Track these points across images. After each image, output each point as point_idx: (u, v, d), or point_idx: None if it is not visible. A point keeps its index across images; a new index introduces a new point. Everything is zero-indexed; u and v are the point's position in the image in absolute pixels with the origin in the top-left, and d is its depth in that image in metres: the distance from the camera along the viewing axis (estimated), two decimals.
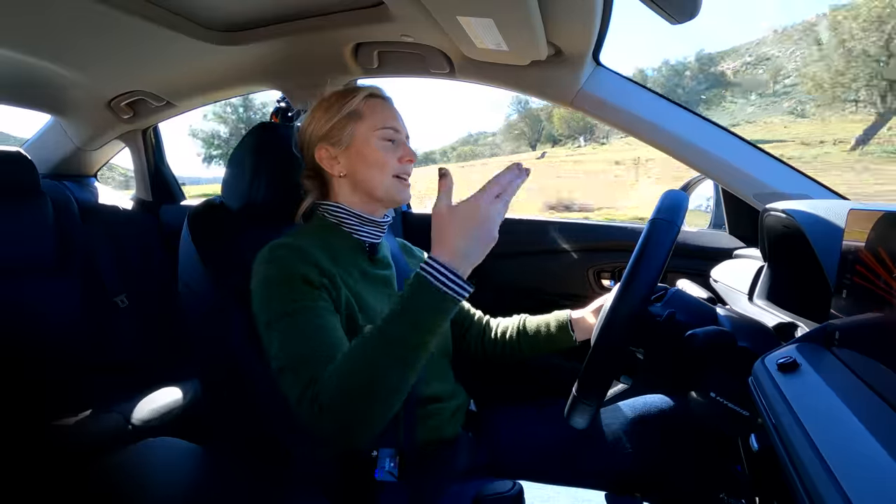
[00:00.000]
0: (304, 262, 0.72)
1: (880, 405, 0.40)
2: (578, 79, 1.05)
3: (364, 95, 0.84)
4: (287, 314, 0.68)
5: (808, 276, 0.67)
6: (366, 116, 0.83)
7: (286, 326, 0.67)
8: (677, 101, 1.06)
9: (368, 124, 0.82)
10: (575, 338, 0.94)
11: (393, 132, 0.83)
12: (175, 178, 1.91)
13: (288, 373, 0.64)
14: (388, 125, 0.83)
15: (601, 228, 1.30)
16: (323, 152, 0.84)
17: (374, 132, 0.82)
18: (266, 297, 0.71)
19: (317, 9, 1.01)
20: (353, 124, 0.83)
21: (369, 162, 0.82)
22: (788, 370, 0.49)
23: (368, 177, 0.82)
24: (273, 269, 0.72)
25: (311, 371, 0.63)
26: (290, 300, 0.68)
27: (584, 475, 0.85)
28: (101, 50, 1.13)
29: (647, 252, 0.62)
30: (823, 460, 0.36)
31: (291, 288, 0.69)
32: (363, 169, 0.82)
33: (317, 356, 0.64)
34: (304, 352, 0.65)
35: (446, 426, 0.83)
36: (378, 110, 0.83)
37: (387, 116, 0.83)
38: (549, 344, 0.97)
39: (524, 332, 0.99)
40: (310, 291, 0.69)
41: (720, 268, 1.04)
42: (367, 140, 0.82)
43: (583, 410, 0.66)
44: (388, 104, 0.86)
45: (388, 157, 0.82)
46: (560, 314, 0.97)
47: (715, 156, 1.01)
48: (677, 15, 0.80)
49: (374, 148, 0.82)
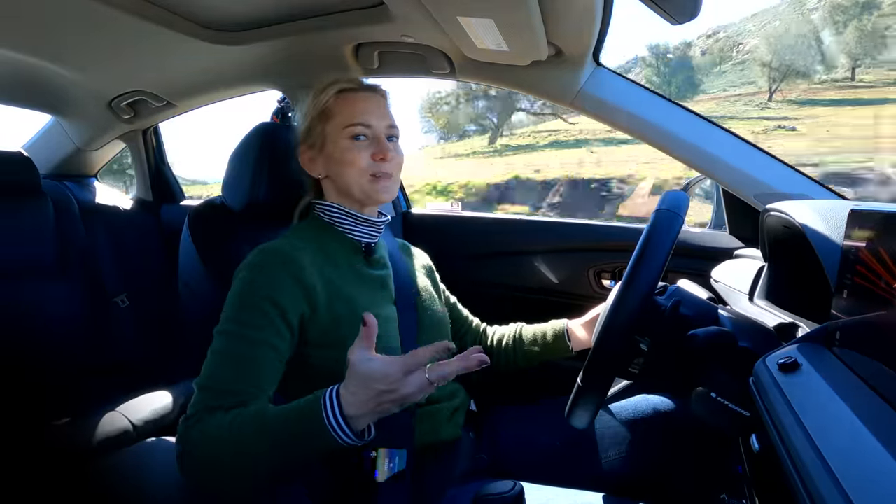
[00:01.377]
0: (282, 275, 0.70)
1: (881, 405, 0.40)
2: (578, 79, 1.05)
3: (334, 92, 0.80)
4: (229, 333, 0.67)
5: (808, 277, 0.67)
6: (334, 114, 0.80)
7: (222, 343, 0.67)
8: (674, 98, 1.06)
9: (336, 122, 0.79)
10: (571, 347, 0.94)
11: (362, 128, 0.78)
12: (175, 178, 1.91)
13: (197, 389, 0.65)
14: (356, 121, 0.78)
15: (601, 228, 1.30)
16: (304, 155, 0.82)
17: (341, 130, 0.78)
18: (229, 302, 0.70)
19: (317, 9, 1.01)
20: (324, 123, 0.80)
21: (341, 162, 0.79)
22: (789, 370, 0.49)
23: (343, 177, 0.79)
24: (246, 277, 0.71)
25: (209, 401, 0.63)
26: (238, 320, 0.68)
27: (585, 475, 0.85)
28: (101, 50, 1.13)
29: (652, 240, 0.61)
30: (824, 460, 0.36)
31: (251, 310, 0.68)
32: (337, 170, 0.80)
33: (224, 389, 0.63)
34: (218, 377, 0.65)
35: (446, 427, 0.83)
36: (347, 106, 0.80)
37: (356, 112, 0.79)
38: (545, 354, 0.97)
39: (520, 341, 0.98)
40: (266, 321, 0.67)
41: (721, 268, 1.04)
42: (336, 139, 0.79)
43: (584, 409, 0.66)
44: (361, 97, 0.81)
45: (359, 156, 0.78)
46: (557, 323, 0.96)
47: (715, 156, 1.01)
48: (677, 15, 0.80)
49: (342, 147, 0.78)
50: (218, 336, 0.68)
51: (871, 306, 0.45)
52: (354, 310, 0.76)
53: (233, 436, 0.59)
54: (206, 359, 0.67)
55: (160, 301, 1.62)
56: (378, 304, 0.80)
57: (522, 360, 0.99)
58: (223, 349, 0.67)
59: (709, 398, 0.64)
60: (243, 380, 0.64)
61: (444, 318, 0.91)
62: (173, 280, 1.03)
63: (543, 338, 0.96)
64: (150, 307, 1.60)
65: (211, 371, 0.65)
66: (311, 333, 0.73)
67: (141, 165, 1.82)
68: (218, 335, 0.68)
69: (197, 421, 0.62)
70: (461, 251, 1.38)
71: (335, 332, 0.73)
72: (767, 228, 0.83)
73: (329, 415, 0.56)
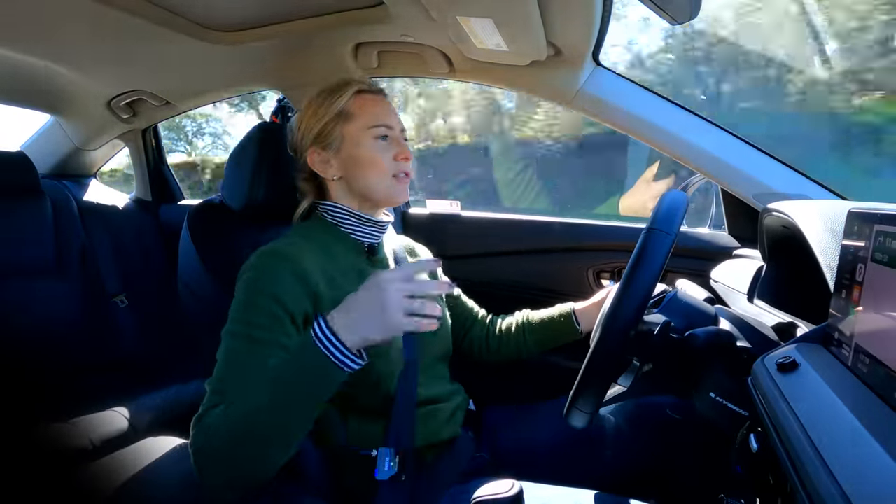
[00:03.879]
0: (285, 276, 0.70)
1: (879, 405, 0.40)
2: (578, 79, 1.06)
3: (353, 92, 0.81)
4: (236, 334, 0.67)
5: (807, 277, 0.67)
6: (356, 115, 0.80)
7: (231, 344, 0.67)
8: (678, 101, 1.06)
9: (359, 124, 0.79)
10: (580, 330, 0.94)
11: (385, 129, 0.80)
12: (174, 178, 1.91)
13: (208, 391, 0.65)
14: (379, 122, 0.79)
15: (601, 228, 1.30)
16: (315, 156, 0.81)
17: (365, 132, 0.79)
18: (235, 304, 0.70)
19: (317, 9, 1.01)
20: (343, 125, 0.80)
21: (364, 164, 0.79)
22: (788, 370, 0.49)
23: (364, 179, 0.80)
24: (251, 278, 0.71)
25: (219, 402, 0.63)
26: (247, 322, 0.68)
27: (584, 475, 0.85)
28: (100, 49, 1.13)
29: (641, 265, 0.61)
30: (823, 460, 0.36)
31: (257, 309, 0.68)
32: (358, 171, 0.80)
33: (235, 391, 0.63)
34: (228, 379, 0.65)
35: (446, 426, 0.83)
36: (368, 108, 0.80)
37: (378, 113, 0.80)
38: (555, 337, 0.96)
39: (529, 325, 0.98)
40: (272, 320, 0.68)
41: (720, 268, 1.04)
42: (359, 141, 0.79)
43: (582, 409, 0.66)
44: (379, 99, 0.82)
45: (383, 157, 0.79)
46: (563, 307, 0.97)
47: (715, 156, 1.01)
48: (677, 15, 0.80)
49: (366, 148, 0.79)
50: (226, 337, 0.68)
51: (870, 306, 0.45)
52: None
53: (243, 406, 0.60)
54: (216, 362, 0.67)
55: (159, 301, 1.62)
56: None
57: (533, 344, 0.98)
58: (232, 350, 0.67)
59: (707, 398, 0.65)
60: (251, 381, 0.64)
61: (445, 322, 0.91)
62: (172, 280, 1.03)
63: (551, 321, 0.96)
64: (148, 307, 1.60)
65: (221, 373, 0.66)
66: None
67: (140, 165, 1.82)
68: (226, 336, 0.68)
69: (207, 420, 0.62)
70: (459, 250, 1.38)
71: None
72: (766, 228, 0.83)
73: (320, 335, 0.60)
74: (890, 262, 0.42)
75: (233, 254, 0.91)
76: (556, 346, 0.98)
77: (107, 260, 1.56)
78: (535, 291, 1.35)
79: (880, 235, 0.44)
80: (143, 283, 1.62)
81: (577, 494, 0.74)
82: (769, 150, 1.01)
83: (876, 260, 0.44)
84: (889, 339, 0.41)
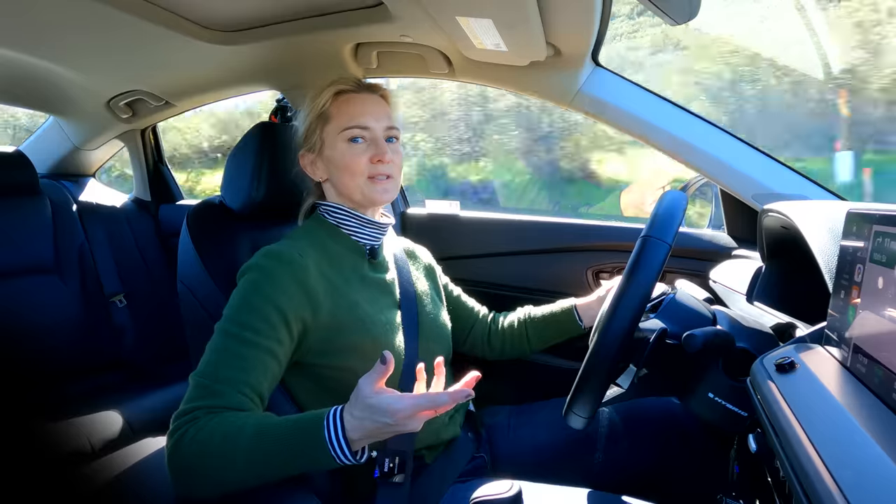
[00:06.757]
0: (286, 280, 0.70)
1: (878, 405, 0.40)
2: (577, 79, 1.06)
3: (331, 94, 0.80)
4: (229, 332, 0.67)
5: (806, 277, 0.68)
6: (332, 117, 0.79)
7: (222, 341, 0.67)
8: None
9: (334, 125, 0.79)
10: (582, 325, 0.94)
11: (359, 130, 0.78)
12: (174, 178, 1.90)
13: (193, 384, 0.65)
14: (353, 124, 0.78)
15: (600, 228, 1.30)
16: (304, 158, 0.83)
17: (339, 134, 0.79)
18: (232, 301, 0.70)
19: (316, 9, 1.01)
20: (322, 127, 0.80)
21: (339, 166, 0.79)
22: (786, 371, 0.49)
23: (342, 181, 0.80)
24: (253, 279, 0.71)
25: (203, 399, 0.63)
26: (242, 323, 0.67)
27: (584, 475, 0.85)
28: (100, 49, 1.13)
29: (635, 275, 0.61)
30: (822, 461, 0.36)
31: (254, 312, 0.68)
32: (336, 173, 0.80)
33: (219, 388, 0.63)
34: (213, 374, 0.64)
35: (445, 427, 0.83)
36: (344, 108, 0.79)
37: (354, 114, 0.79)
38: (558, 332, 0.96)
39: (531, 321, 0.98)
40: (267, 326, 0.67)
41: (719, 268, 1.04)
42: (334, 143, 0.79)
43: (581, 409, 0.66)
44: (360, 98, 0.81)
45: (357, 159, 0.78)
46: (564, 302, 0.97)
47: (714, 157, 1.01)
48: (677, 16, 0.80)
49: (339, 151, 0.78)
50: (218, 333, 0.68)
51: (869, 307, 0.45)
52: (358, 315, 0.76)
53: (226, 446, 0.59)
54: (204, 354, 0.67)
55: (158, 301, 1.62)
56: (381, 308, 0.80)
57: (536, 340, 0.98)
58: (222, 347, 0.67)
59: (706, 399, 0.65)
60: (238, 381, 0.64)
61: (445, 325, 0.91)
62: (171, 280, 1.03)
63: (553, 316, 0.96)
64: (147, 307, 1.60)
65: (207, 368, 0.65)
66: (313, 338, 0.73)
67: (139, 165, 1.82)
68: (218, 332, 0.68)
69: (191, 420, 0.62)
70: (458, 251, 1.38)
71: (338, 338, 0.74)
72: (765, 229, 0.83)
73: (332, 435, 0.58)
74: (888, 263, 0.42)
75: (232, 254, 0.91)
76: (559, 341, 0.98)
77: (105, 260, 1.56)
78: (535, 291, 1.35)
79: (878, 236, 0.44)
80: (141, 283, 1.62)
81: (576, 495, 0.74)
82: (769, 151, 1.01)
83: (874, 260, 0.44)
84: (887, 340, 0.41)
